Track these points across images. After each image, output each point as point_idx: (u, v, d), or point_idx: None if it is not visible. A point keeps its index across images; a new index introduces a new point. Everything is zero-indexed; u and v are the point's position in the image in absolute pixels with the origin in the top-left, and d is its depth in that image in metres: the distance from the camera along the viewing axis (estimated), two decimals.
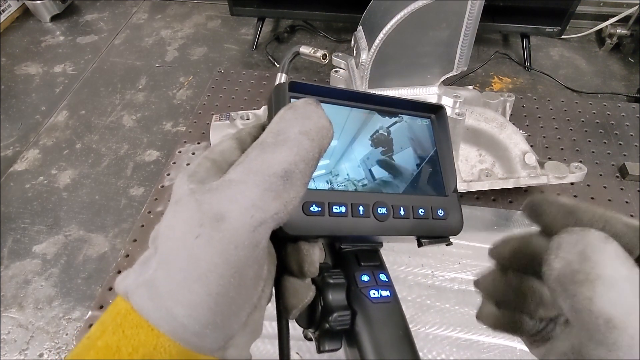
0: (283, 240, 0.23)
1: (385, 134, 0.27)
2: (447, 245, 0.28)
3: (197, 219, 0.18)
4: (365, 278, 0.25)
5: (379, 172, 0.27)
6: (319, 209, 0.23)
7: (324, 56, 0.27)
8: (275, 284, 0.24)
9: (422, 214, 0.26)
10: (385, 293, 0.25)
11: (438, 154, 0.28)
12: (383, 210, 0.25)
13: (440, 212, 0.27)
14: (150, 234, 0.20)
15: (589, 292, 0.15)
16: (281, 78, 0.66)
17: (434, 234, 0.27)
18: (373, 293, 0.24)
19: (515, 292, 0.22)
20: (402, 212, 0.25)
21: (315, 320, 0.24)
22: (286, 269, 0.23)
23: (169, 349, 0.17)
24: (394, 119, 0.28)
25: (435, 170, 0.28)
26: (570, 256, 0.16)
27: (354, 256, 0.26)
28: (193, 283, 0.17)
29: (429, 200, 0.27)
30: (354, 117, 0.27)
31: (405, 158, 0.27)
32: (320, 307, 0.24)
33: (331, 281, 0.24)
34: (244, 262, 0.18)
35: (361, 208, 0.24)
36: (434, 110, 0.29)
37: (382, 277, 0.26)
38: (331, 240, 0.27)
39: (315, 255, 0.23)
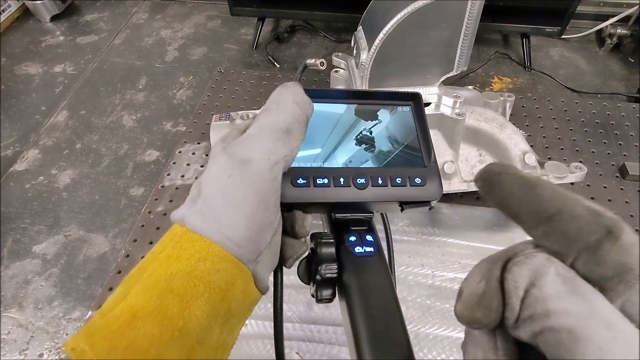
0: (281, 209, 0.28)
1: (368, 133, 0.32)
2: (429, 209, 0.33)
3: (229, 165, 0.25)
4: (352, 238, 0.30)
5: (363, 162, 0.31)
6: (305, 181, 0.28)
7: (322, 63, 0.29)
8: None
9: (399, 182, 0.30)
10: (369, 249, 0.29)
11: (417, 134, 0.32)
12: (362, 180, 0.29)
13: (418, 180, 0.30)
14: (194, 184, 0.26)
15: (545, 308, 0.15)
16: None
17: (413, 199, 0.30)
18: (358, 249, 0.29)
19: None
20: (380, 181, 0.29)
21: (312, 274, 0.30)
22: (283, 231, 0.28)
23: (219, 253, 0.23)
24: (375, 122, 0.32)
25: (414, 148, 0.32)
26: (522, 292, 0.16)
27: (345, 223, 0.31)
28: (231, 209, 0.24)
29: (407, 171, 0.30)
30: (342, 123, 0.32)
31: (386, 148, 0.32)
32: (314, 263, 0.29)
33: (322, 240, 0.29)
34: (267, 191, 0.24)
35: (342, 179, 0.29)
36: (412, 98, 0.34)
37: (369, 237, 0.30)
38: (322, 208, 0.32)
39: (305, 220, 0.29)
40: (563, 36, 1.21)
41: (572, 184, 0.80)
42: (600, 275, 0.15)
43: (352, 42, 0.72)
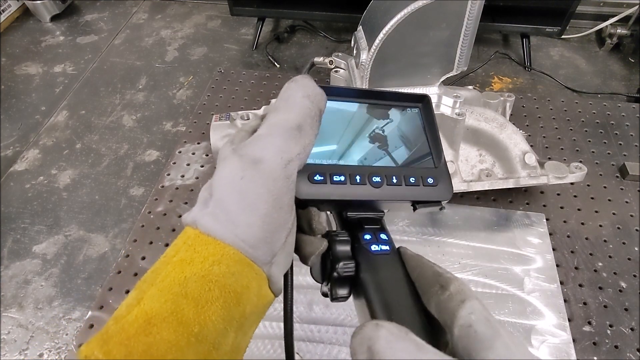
0: (296, 207, 0.28)
1: (381, 132, 0.32)
2: (440, 209, 0.32)
3: (240, 166, 0.24)
4: (367, 236, 0.29)
5: (376, 161, 0.31)
6: (322, 178, 0.28)
7: (330, 62, 0.30)
8: None
9: (413, 181, 0.30)
10: (385, 247, 0.29)
11: (427, 135, 0.33)
12: (377, 179, 0.29)
13: (430, 180, 0.31)
14: (203, 187, 0.26)
15: None
16: None
17: (426, 199, 0.31)
18: (374, 247, 0.29)
19: None
20: (394, 180, 0.30)
21: (327, 272, 0.29)
22: (300, 229, 0.28)
23: (233, 256, 0.23)
24: (386, 120, 0.33)
25: (424, 149, 0.32)
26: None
27: (358, 221, 0.31)
28: (245, 210, 0.23)
29: (420, 171, 0.31)
30: (355, 120, 0.32)
31: (398, 147, 0.32)
32: (329, 261, 0.29)
33: (338, 238, 0.29)
34: (280, 191, 0.24)
35: (358, 177, 0.29)
36: (420, 100, 0.34)
37: (383, 236, 0.30)
38: (336, 206, 0.31)
39: (321, 216, 0.29)
40: (563, 36, 1.21)
41: (572, 183, 0.80)
42: (445, 319, 0.21)
43: (352, 42, 0.72)
